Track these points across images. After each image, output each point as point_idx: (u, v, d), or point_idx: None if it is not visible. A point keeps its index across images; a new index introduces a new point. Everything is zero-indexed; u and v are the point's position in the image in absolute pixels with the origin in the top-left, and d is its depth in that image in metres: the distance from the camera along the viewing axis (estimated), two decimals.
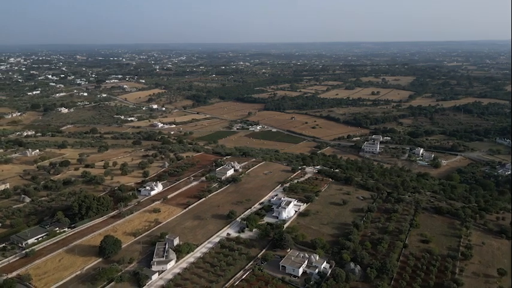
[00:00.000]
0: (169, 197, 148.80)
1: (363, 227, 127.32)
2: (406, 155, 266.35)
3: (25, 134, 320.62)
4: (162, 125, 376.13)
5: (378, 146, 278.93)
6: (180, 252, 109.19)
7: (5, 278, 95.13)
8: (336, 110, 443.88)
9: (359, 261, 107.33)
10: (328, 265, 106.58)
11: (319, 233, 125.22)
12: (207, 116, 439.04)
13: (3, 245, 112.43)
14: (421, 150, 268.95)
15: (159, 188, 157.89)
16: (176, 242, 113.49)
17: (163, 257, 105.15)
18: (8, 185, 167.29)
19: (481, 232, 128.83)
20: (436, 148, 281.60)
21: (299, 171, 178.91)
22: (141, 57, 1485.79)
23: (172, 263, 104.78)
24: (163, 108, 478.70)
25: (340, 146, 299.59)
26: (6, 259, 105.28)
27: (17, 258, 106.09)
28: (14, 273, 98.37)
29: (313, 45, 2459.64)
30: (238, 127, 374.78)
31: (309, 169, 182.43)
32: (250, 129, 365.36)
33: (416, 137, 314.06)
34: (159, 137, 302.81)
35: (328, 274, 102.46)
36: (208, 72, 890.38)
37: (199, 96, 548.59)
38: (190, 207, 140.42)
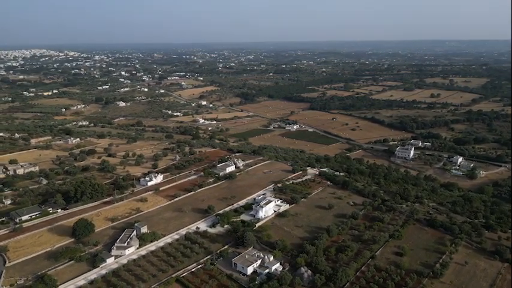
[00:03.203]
0: (162, 188, 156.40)
1: (336, 233, 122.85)
2: (441, 163, 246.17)
3: (79, 124, 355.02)
4: (203, 121, 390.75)
5: (412, 151, 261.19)
6: (143, 240, 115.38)
7: None
8: (384, 112, 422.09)
9: (313, 266, 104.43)
10: (281, 267, 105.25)
11: (289, 234, 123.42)
12: (250, 113, 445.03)
13: (3, 219, 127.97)
14: (460, 159, 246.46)
15: (158, 179, 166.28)
16: (144, 230, 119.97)
17: (125, 242, 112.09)
18: (37, 168, 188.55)
19: (472, 251, 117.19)
20: (480, 157, 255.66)
21: (300, 172, 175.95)
22: (212, 55, 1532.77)
23: (132, 249, 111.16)
24: (211, 105, 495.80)
25: (372, 149, 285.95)
26: None
27: (7, 231, 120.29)
28: None
29: (391, 44, 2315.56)
30: (275, 126, 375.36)
31: (311, 171, 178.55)
32: (286, 128, 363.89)
33: (462, 144, 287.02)
34: (194, 132, 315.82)
35: (277, 276, 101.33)
36: (267, 71, 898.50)
37: (248, 94, 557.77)
38: (176, 199, 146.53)
